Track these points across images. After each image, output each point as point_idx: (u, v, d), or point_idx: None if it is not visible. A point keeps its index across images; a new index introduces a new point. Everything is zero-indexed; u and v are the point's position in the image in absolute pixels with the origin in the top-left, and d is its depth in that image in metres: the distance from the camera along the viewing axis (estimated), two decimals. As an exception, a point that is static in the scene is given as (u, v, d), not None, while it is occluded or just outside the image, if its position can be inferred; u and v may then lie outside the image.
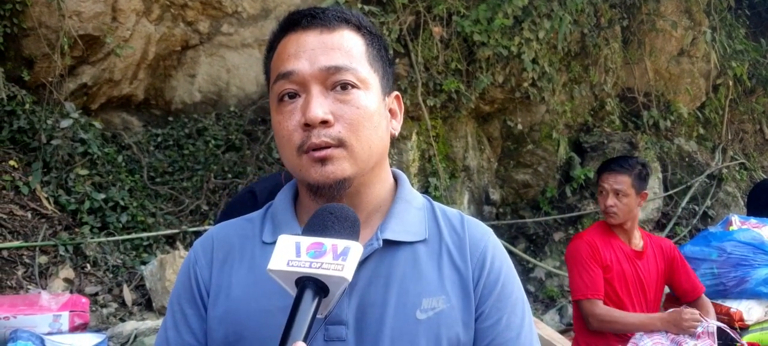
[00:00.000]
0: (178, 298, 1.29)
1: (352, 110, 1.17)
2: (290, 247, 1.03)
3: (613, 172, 3.64)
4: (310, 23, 1.22)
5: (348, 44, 1.21)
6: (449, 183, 6.98)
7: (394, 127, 1.29)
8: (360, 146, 1.17)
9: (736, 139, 10.11)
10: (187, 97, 7.11)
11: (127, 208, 5.91)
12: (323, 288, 1.01)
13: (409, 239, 1.23)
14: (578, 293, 3.53)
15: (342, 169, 1.16)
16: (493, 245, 1.28)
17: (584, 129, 8.47)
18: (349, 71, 1.18)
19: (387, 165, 1.31)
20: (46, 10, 5.95)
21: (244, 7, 6.98)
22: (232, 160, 6.72)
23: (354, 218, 1.10)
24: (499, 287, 1.24)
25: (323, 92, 1.17)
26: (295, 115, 1.18)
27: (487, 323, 1.21)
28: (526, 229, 7.80)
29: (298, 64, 1.18)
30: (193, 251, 1.32)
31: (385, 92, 1.26)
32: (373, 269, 1.20)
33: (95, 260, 5.47)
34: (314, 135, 1.15)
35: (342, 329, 1.16)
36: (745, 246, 3.92)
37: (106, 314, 5.10)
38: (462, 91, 6.89)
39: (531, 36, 6.98)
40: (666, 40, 9.00)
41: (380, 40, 1.29)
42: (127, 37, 6.41)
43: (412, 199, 1.31)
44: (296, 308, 0.99)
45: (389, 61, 1.30)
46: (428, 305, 1.18)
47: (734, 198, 8.87)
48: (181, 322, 1.26)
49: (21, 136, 5.84)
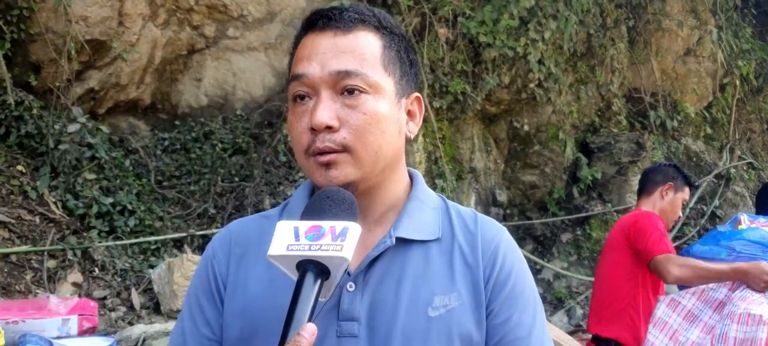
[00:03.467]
0: (195, 290, 1.30)
1: (359, 116, 1.16)
2: (289, 232, 1.03)
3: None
4: (326, 25, 1.21)
5: (361, 46, 1.20)
6: (456, 185, 6.97)
7: (411, 129, 1.28)
8: (365, 152, 1.17)
9: (743, 138, 10.07)
10: (194, 101, 7.12)
11: (134, 212, 5.92)
12: (324, 270, 1.01)
13: (422, 237, 1.23)
14: (658, 250, 3.56)
15: (345, 174, 1.17)
16: (506, 243, 1.28)
17: (591, 129, 8.45)
18: (359, 76, 1.17)
19: (402, 165, 1.30)
20: (52, 16, 5.97)
21: (249, 11, 6.99)
22: (239, 164, 6.73)
23: (351, 200, 1.10)
24: (510, 284, 1.23)
25: (332, 96, 1.17)
26: (305, 118, 1.18)
27: (497, 321, 1.20)
28: (533, 230, 7.79)
29: (309, 68, 1.18)
30: (211, 245, 1.33)
31: (402, 94, 1.25)
32: (385, 266, 1.20)
33: (103, 264, 5.48)
34: (319, 139, 1.16)
35: (354, 326, 1.16)
36: (755, 245, 3.89)
37: (114, 317, 5.11)
38: (468, 93, 6.88)
39: (537, 37, 6.97)
40: (672, 39, 8.98)
41: (402, 39, 1.28)
42: (133, 41, 6.43)
43: (427, 198, 1.31)
44: (298, 292, 0.99)
45: (411, 61, 1.29)
46: (440, 303, 1.18)
47: (743, 198, 8.83)
48: (198, 314, 1.28)
49: (29, 141, 5.85)
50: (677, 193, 3.91)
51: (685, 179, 4.00)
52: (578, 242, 7.64)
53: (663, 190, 3.91)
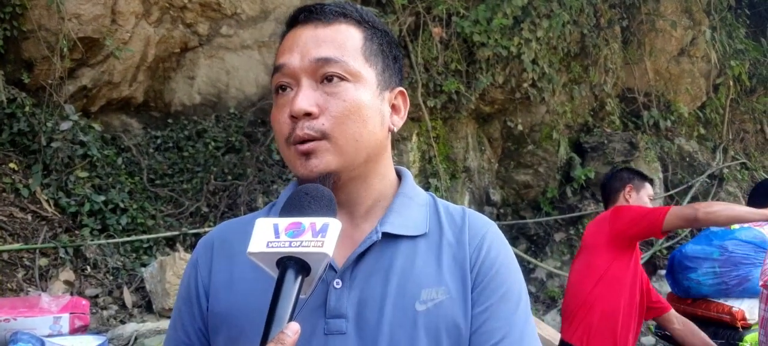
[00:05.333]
0: (178, 296, 1.32)
1: (338, 103, 1.16)
2: (268, 229, 1.03)
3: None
4: (307, 19, 1.23)
5: (342, 37, 1.20)
6: (450, 184, 6.97)
7: (394, 122, 1.28)
8: (345, 139, 1.17)
9: (736, 138, 10.10)
10: (187, 99, 7.10)
11: (127, 210, 5.91)
12: (305, 267, 1.00)
13: (409, 232, 1.23)
14: (660, 213, 3.49)
15: (325, 163, 1.16)
16: (492, 234, 1.27)
17: (584, 129, 8.46)
18: (338, 63, 1.17)
19: (387, 160, 1.30)
20: (45, 13, 5.95)
21: (243, 9, 6.98)
22: (231, 162, 6.71)
23: (330, 197, 1.09)
24: (492, 273, 1.22)
25: (312, 85, 1.17)
26: (286, 108, 1.18)
27: (477, 310, 1.19)
28: (526, 229, 7.80)
29: (290, 58, 1.19)
30: (195, 250, 1.33)
31: (385, 87, 1.25)
32: (372, 262, 1.19)
33: (95, 262, 5.47)
34: (299, 127, 1.16)
35: (342, 322, 1.16)
36: (747, 245, 3.90)
37: (106, 316, 5.09)
38: (462, 92, 6.89)
39: (530, 36, 6.98)
40: (666, 40, 9.00)
41: (384, 34, 1.28)
42: (126, 39, 6.41)
43: (415, 195, 1.30)
44: (279, 289, 0.98)
45: (394, 56, 1.29)
46: (427, 297, 1.17)
47: (736, 198, 8.85)
48: (178, 319, 1.29)
49: (21, 138, 5.83)
50: (640, 192, 3.86)
51: (641, 177, 3.98)
52: (571, 241, 7.65)
53: (625, 194, 3.85)
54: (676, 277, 4.14)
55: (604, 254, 3.63)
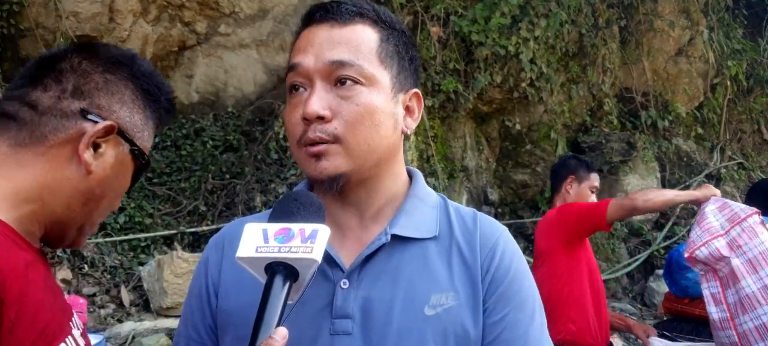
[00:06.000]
0: (189, 293, 1.32)
1: (351, 107, 1.16)
2: (257, 234, 1.03)
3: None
4: (324, 17, 1.21)
5: (357, 38, 1.19)
6: (448, 183, 6.97)
7: (408, 125, 1.27)
8: (356, 143, 1.16)
9: (734, 138, 10.11)
10: (185, 97, 7.09)
11: (124, 208, 5.89)
12: (293, 272, 1.00)
13: (419, 235, 1.22)
14: (602, 207, 3.53)
15: (335, 166, 1.16)
16: (505, 240, 1.26)
17: (582, 129, 8.47)
18: (353, 67, 1.16)
19: (399, 161, 1.29)
20: (43, 11, 5.94)
21: (241, 8, 6.97)
22: (230, 161, 6.71)
23: (318, 205, 1.10)
24: (507, 281, 1.21)
25: (326, 87, 1.16)
26: (299, 108, 1.18)
27: (493, 319, 1.18)
28: (524, 229, 7.79)
29: (305, 58, 1.18)
30: (207, 248, 1.34)
31: (399, 89, 1.24)
32: (381, 264, 1.19)
33: (93, 260, 5.46)
34: (311, 130, 1.15)
35: (348, 323, 1.15)
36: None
37: (103, 314, 5.09)
38: (460, 92, 6.89)
39: (528, 35, 6.98)
40: (664, 40, 9.00)
41: (401, 35, 1.26)
42: (124, 37, 6.40)
43: (426, 196, 1.30)
44: (267, 294, 0.99)
45: (411, 57, 1.27)
46: (436, 301, 1.16)
47: (733, 198, 8.85)
48: (188, 316, 1.30)
49: (18, 137, 5.81)
50: (582, 183, 3.86)
51: (587, 167, 3.97)
52: (569, 241, 7.65)
53: (566, 185, 3.87)
54: (673, 276, 4.13)
55: (562, 257, 3.70)
